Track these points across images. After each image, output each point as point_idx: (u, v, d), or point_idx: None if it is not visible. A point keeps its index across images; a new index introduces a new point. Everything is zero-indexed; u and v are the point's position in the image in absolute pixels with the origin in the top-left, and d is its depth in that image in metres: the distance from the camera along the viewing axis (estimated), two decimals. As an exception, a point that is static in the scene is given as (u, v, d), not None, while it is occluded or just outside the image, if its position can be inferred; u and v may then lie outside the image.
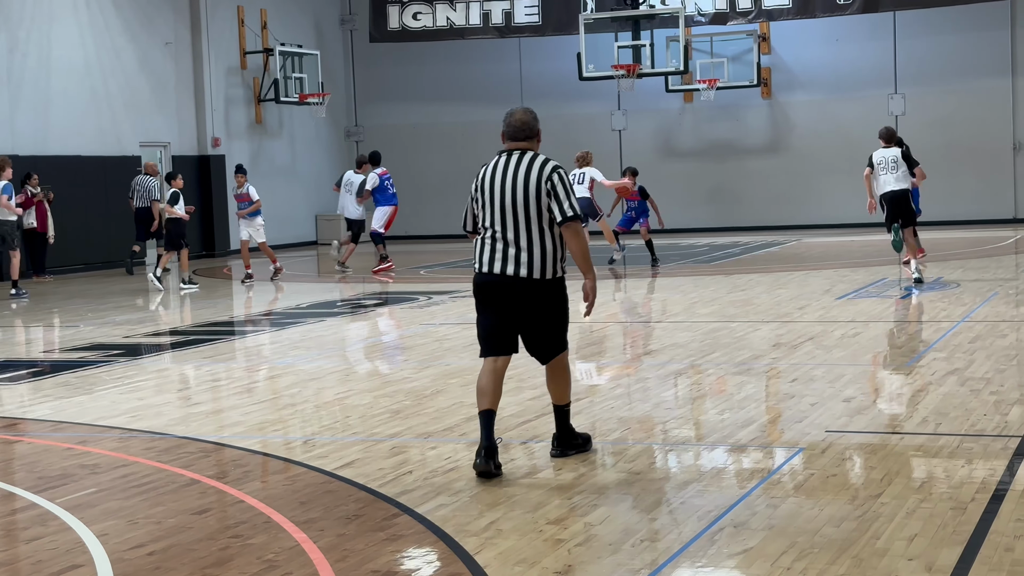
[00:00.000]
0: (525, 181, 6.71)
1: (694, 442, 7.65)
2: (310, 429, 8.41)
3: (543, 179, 6.70)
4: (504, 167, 6.79)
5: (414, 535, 5.74)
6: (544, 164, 6.77)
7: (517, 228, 6.72)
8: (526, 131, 6.91)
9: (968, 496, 5.97)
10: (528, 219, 6.71)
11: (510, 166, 6.78)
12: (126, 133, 24.93)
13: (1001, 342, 10.78)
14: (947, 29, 27.30)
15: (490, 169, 6.85)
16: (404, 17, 29.26)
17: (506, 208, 6.73)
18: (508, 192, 6.73)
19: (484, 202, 6.83)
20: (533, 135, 6.93)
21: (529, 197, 6.69)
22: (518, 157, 6.81)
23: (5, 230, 18.71)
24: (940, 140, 27.63)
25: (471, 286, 6.96)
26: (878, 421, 7.85)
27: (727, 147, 29.31)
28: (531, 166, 6.75)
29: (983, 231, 25.22)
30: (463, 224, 7.06)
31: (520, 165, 6.77)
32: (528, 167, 6.75)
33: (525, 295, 6.78)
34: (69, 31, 23.72)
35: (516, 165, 6.77)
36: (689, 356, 10.73)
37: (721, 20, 27.54)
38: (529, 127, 6.92)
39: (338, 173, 31.50)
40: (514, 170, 6.76)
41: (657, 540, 5.51)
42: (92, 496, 6.61)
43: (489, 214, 6.80)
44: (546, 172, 6.72)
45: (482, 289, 6.87)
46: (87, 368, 11.36)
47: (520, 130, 6.91)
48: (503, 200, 6.74)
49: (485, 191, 6.82)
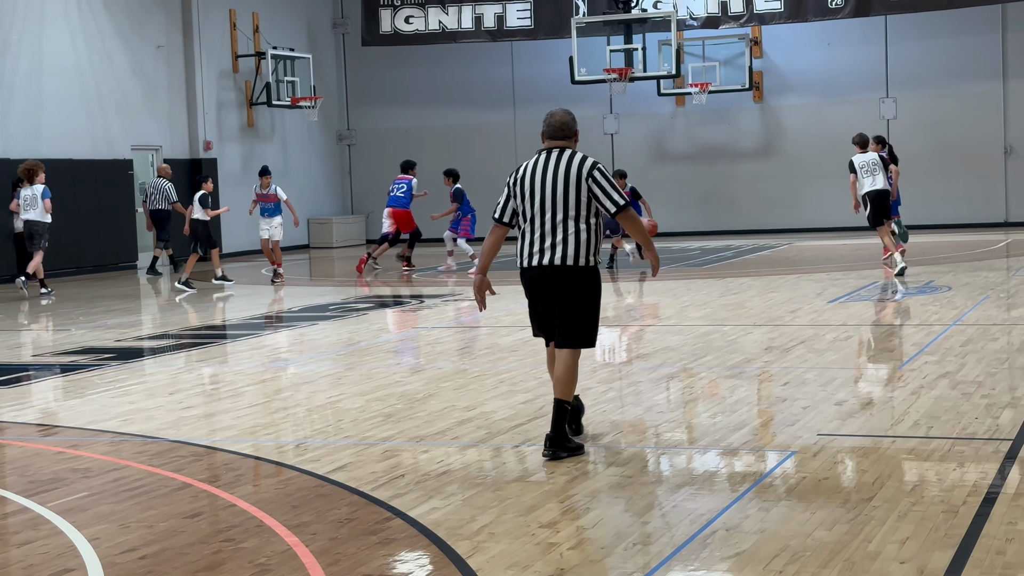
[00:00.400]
0: (566, 176, 7.15)
1: (686, 445, 7.66)
2: (302, 433, 8.40)
3: (583, 175, 7.14)
4: (544, 163, 7.24)
5: (406, 539, 5.74)
6: (583, 161, 7.21)
7: (555, 220, 7.16)
8: (565, 131, 7.37)
9: (960, 499, 5.98)
10: (567, 212, 7.14)
11: (551, 162, 7.23)
12: (118, 136, 24.89)
13: (992, 345, 10.80)
14: (938, 33, 27.36)
15: (531, 165, 7.30)
16: (396, 21, 29.26)
17: (546, 201, 7.17)
18: (548, 186, 7.16)
19: (524, 196, 7.26)
20: (571, 135, 7.39)
21: (569, 191, 7.13)
22: (558, 154, 7.26)
23: (36, 229, 19.19)
24: (932, 144, 27.70)
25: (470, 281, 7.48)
26: (870, 424, 7.86)
27: (719, 151, 29.35)
28: (571, 162, 7.19)
29: (974, 235, 25.27)
30: (496, 213, 7.44)
31: (560, 162, 7.21)
32: (568, 163, 7.19)
33: (561, 281, 7.19)
34: (61, 34, 23.69)
35: (556, 162, 7.22)
36: (681, 359, 10.74)
37: (713, 24, 27.57)
38: (568, 127, 7.38)
39: (330, 177, 31.59)
40: (555, 166, 7.20)
41: (649, 543, 5.52)
42: (84, 500, 6.59)
43: (529, 207, 7.24)
44: (586, 169, 7.17)
45: (531, 283, 7.35)
46: (78, 372, 11.34)
47: (560, 129, 7.36)
48: (543, 194, 7.18)
49: (525, 186, 7.26)
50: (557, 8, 28.12)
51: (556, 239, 7.15)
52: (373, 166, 31.35)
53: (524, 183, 7.27)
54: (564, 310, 7.22)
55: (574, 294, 7.20)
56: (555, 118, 7.38)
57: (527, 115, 30.17)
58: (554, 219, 7.15)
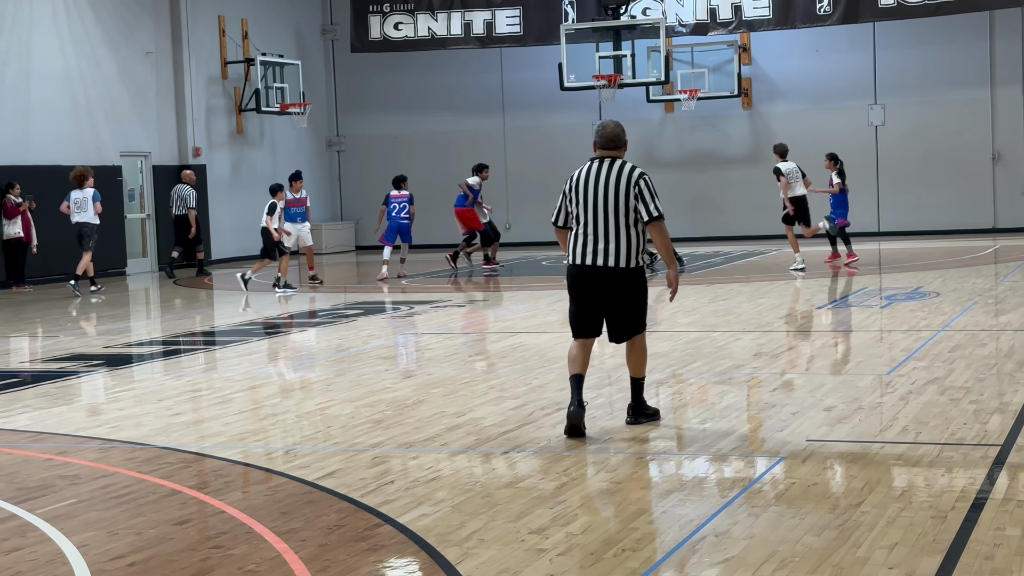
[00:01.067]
0: (616, 184, 7.74)
1: (675, 451, 7.66)
2: (291, 439, 8.39)
3: (631, 183, 7.74)
4: (596, 172, 7.81)
5: (396, 545, 5.73)
6: (632, 170, 7.81)
7: (606, 224, 7.75)
8: (616, 142, 7.93)
9: (948, 505, 5.99)
10: (616, 217, 7.73)
11: (602, 171, 7.80)
12: (106, 143, 24.84)
13: (981, 351, 10.83)
14: (927, 40, 27.45)
15: (583, 173, 7.87)
16: (386, 27, 29.27)
17: (598, 207, 7.75)
18: (600, 193, 7.75)
19: (578, 201, 7.84)
20: (621, 145, 7.95)
21: (619, 198, 7.72)
22: (609, 163, 7.84)
23: (86, 231, 20.59)
24: (920, 150, 27.79)
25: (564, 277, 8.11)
26: (859, 430, 7.88)
27: (708, 157, 29.39)
28: (620, 172, 7.79)
29: (962, 241, 25.34)
30: (553, 218, 8.05)
31: (611, 171, 7.79)
32: (618, 172, 7.78)
33: (611, 282, 7.81)
34: (49, 40, 23.65)
35: (608, 170, 7.80)
36: (671, 365, 10.75)
37: (702, 31, 27.62)
38: (618, 138, 7.94)
39: (320, 183, 31.57)
40: (606, 174, 7.78)
41: (639, 549, 5.52)
42: (72, 507, 6.58)
43: (582, 212, 7.81)
44: (633, 177, 7.77)
45: (575, 279, 7.92)
46: (67, 378, 11.32)
47: (611, 141, 7.92)
48: (595, 200, 7.76)
49: (579, 192, 7.83)
50: (546, 15, 28.15)
51: (607, 242, 7.74)
52: (362, 172, 31.35)
53: (578, 189, 7.83)
54: (618, 308, 7.91)
55: (625, 293, 7.87)
56: (607, 130, 7.91)
57: (516, 121, 30.20)
58: (605, 223, 7.73)
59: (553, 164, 24.10)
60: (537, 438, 7.90)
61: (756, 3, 27.06)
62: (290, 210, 20.60)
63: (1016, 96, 27.24)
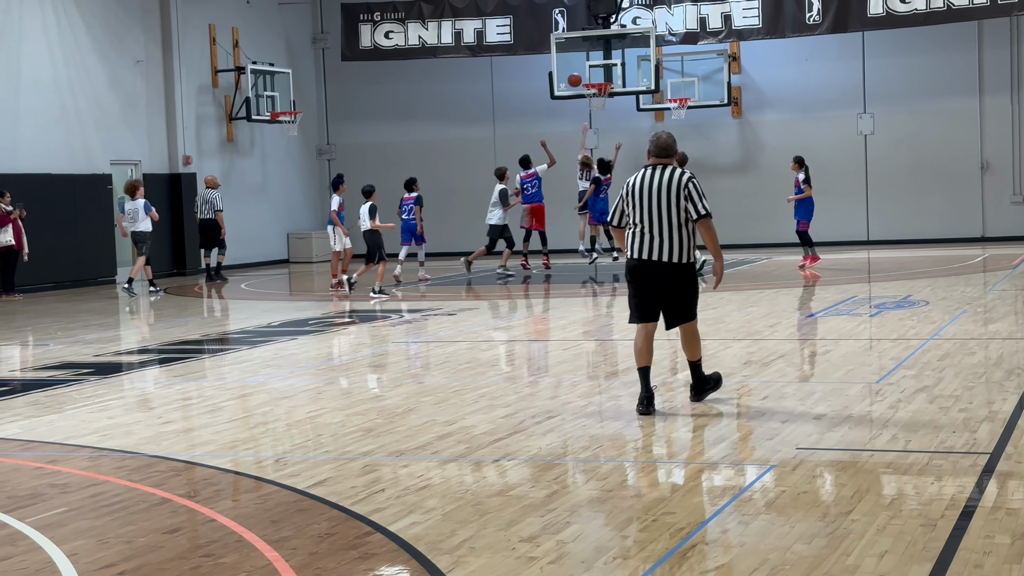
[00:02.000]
0: (668, 188, 8.63)
1: (666, 459, 7.67)
2: (282, 447, 8.38)
3: (681, 186, 8.64)
4: (651, 177, 8.71)
5: (387, 553, 5.73)
6: (682, 175, 8.71)
7: (660, 224, 8.63)
8: (667, 151, 8.86)
9: (938, 513, 6.01)
10: (669, 217, 8.61)
11: (655, 177, 8.70)
12: (96, 151, 24.81)
13: (970, 360, 10.86)
14: (915, 49, 27.53)
15: (639, 178, 8.75)
16: (376, 36, 29.29)
17: (652, 208, 8.63)
18: (654, 196, 8.63)
19: (634, 204, 8.70)
20: (672, 153, 8.88)
21: (671, 200, 8.61)
22: (661, 170, 8.73)
23: (139, 238, 21.63)
24: (909, 159, 27.86)
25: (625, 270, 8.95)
26: (848, 438, 7.89)
27: (697, 166, 29.33)
28: (672, 177, 8.68)
29: (951, 250, 25.40)
30: (610, 218, 8.99)
31: (664, 176, 8.69)
32: (670, 178, 8.68)
33: (665, 275, 8.72)
34: (39, 49, 23.62)
35: (660, 176, 8.70)
36: (660, 374, 10.75)
37: (692, 40, 27.68)
38: (670, 148, 8.88)
39: (310, 191, 31.57)
40: (659, 180, 8.67)
41: (630, 557, 5.53)
42: (62, 516, 6.57)
43: (638, 213, 8.69)
44: (683, 181, 8.67)
45: (634, 271, 8.79)
46: (57, 387, 11.30)
47: (663, 150, 8.85)
48: (650, 202, 8.64)
49: (635, 195, 8.71)
50: (537, 24, 28.19)
51: (662, 240, 8.63)
52: (353, 181, 31.18)
53: (633, 193, 8.71)
54: (672, 298, 8.81)
55: (678, 284, 8.77)
56: (660, 140, 8.87)
57: (507, 130, 30.22)
58: (660, 223, 8.62)
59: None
60: (528, 446, 7.91)
61: (746, 12, 27.13)
62: (341, 214, 20.61)
63: (1004, 105, 27.33)
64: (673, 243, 8.65)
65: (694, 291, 8.92)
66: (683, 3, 27.46)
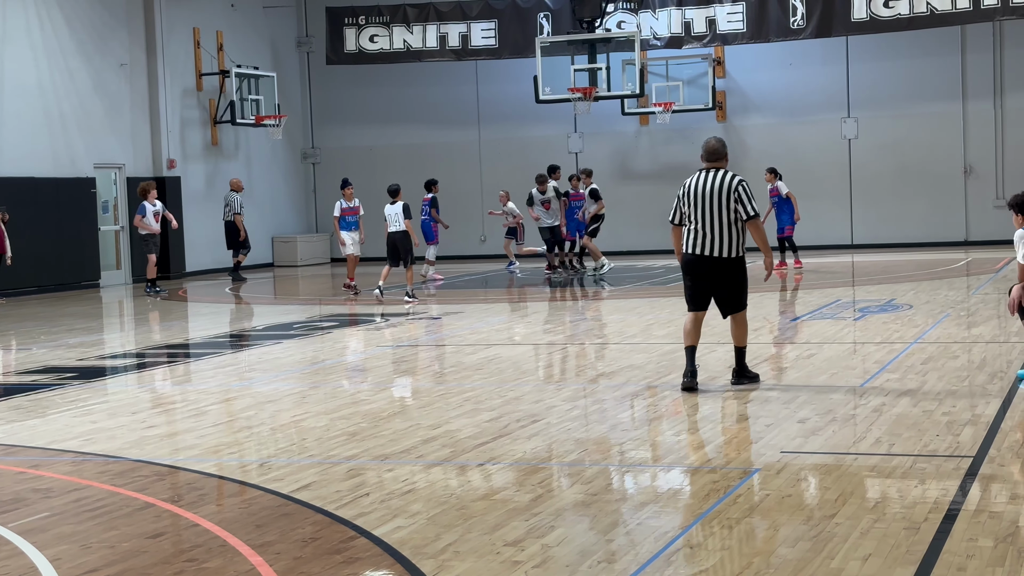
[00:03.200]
0: (720, 190, 9.47)
1: (650, 463, 7.68)
2: (266, 452, 8.37)
3: (732, 189, 9.47)
4: (704, 180, 9.55)
5: (371, 557, 5.73)
6: (732, 178, 9.55)
7: (713, 222, 9.49)
8: (717, 155, 9.64)
9: (921, 516, 6.03)
10: (720, 216, 9.47)
11: (708, 179, 9.55)
12: (80, 155, 24.74)
13: (953, 363, 10.89)
14: (899, 54, 27.63)
15: (694, 181, 9.60)
16: (361, 39, 29.27)
17: (706, 208, 9.49)
18: (708, 198, 9.48)
19: (689, 203, 9.57)
20: (722, 157, 9.67)
21: (723, 201, 9.46)
22: (714, 173, 9.57)
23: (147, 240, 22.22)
24: (892, 163, 27.95)
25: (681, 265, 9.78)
26: (832, 442, 7.91)
27: (683, 169, 29.33)
28: (723, 179, 9.52)
29: (935, 253, 25.48)
30: (671, 217, 9.76)
31: (716, 178, 9.53)
32: (721, 180, 9.52)
33: (718, 268, 9.59)
34: (22, 52, 23.55)
35: (712, 178, 9.54)
36: (645, 378, 10.77)
37: (676, 44, 27.73)
38: (720, 152, 9.66)
39: (295, 195, 31.54)
40: (712, 182, 9.52)
41: (614, 561, 5.53)
42: (45, 520, 6.54)
43: (694, 212, 9.55)
44: (734, 184, 9.51)
45: (690, 264, 9.68)
46: (40, 391, 11.26)
47: (713, 154, 9.64)
48: (704, 203, 9.49)
49: (691, 196, 9.56)
50: (521, 28, 28.21)
51: (715, 236, 9.47)
52: (337, 184, 31.14)
53: (689, 194, 9.57)
54: (727, 289, 9.67)
55: (732, 277, 9.63)
56: (710, 145, 9.66)
57: (492, 134, 30.23)
58: (712, 221, 9.45)
59: (528, 176, 24.10)
60: (512, 450, 7.90)
61: (730, 17, 27.20)
62: (345, 219, 20.46)
63: (987, 109, 27.44)
64: (724, 240, 9.48)
65: (744, 282, 9.73)
66: (668, 7, 27.52)
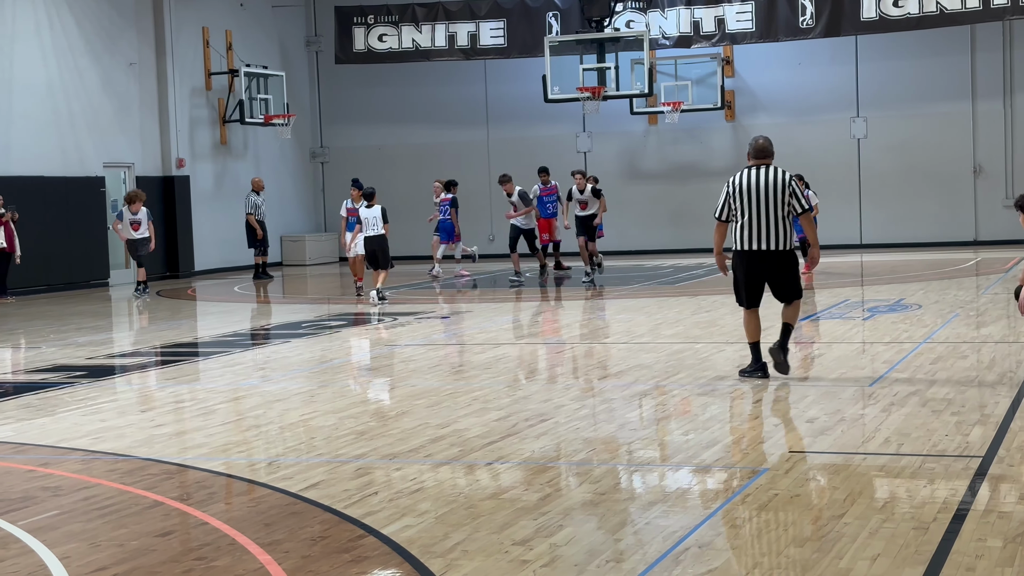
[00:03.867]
0: (773, 185, 9.83)
1: (659, 463, 7.68)
2: (275, 450, 8.38)
3: (786, 184, 9.88)
4: (755, 176, 9.89)
5: (379, 556, 5.73)
6: (784, 173, 9.96)
7: (767, 217, 9.81)
8: (766, 152, 10.03)
9: (930, 516, 6.02)
10: (775, 210, 9.82)
11: (759, 176, 9.89)
12: (89, 154, 24.78)
13: (962, 363, 10.87)
14: (908, 54, 27.58)
15: (744, 178, 9.90)
16: (370, 39, 29.28)
17: (761, 203, 9.81)
18: (762, 193, 9.81)
19: (741, 199, 9.85)
20: (770, 155, 10.06)
21: (777, 196, 9.83)
22: (765, 169, 9.93)
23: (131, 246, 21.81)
24: (902, 163, 27.90)
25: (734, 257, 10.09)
26: (841, 442, 7.90)
27: (691, 169, 29.46)
28: (776, 175, 9.90)
29: (944, 253, 25.44)
30: (718, 214, 10.05)
31: (769, 174, 9.89)
32: (774, 176, 9.89)
33: (775, 261, 9.95)
34: (32, 51, 23.60)
35: (765, 174, 9.89)
36: (654, 377, 10.76)
37: (685, 43, 27.70)
38: (770, 150, 10.06)
39: (303, 194, 31.56)
40: (765, 178, 9.86)
41: (622, 561, 5.52)
42: (54, 518, 6.56)
43: (747, 208, 9.84)
44: (787, 179, 9.93)
45: (747, 259, 9.99)
46: (49, 389, 11.28)
47: (763, 152, 10.02)
48: (757, 198, 9.81)
49: (742, 192, 9.87)
50: (530, 27, 28.20)
51: (769, 231, 9.79)
52: (346, 184, 31.13)
53: (740, 191, 9.86)
54: (785, 279, 10.05)
55: (788, 268, 10.02)
56: (758, 144, 10.04)
57: (500, 133, 30.23)
58: (767, 216, 9.78)
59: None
60: (521, 449, 7.91)
61: (739, 16, 27.16)
62: (351, 220, 20.35)
63: (997, 109, 27.39)
64: (779, 234, 9.84)
65: (798, 272, 10.19)
66: (677, 6, 27.48)
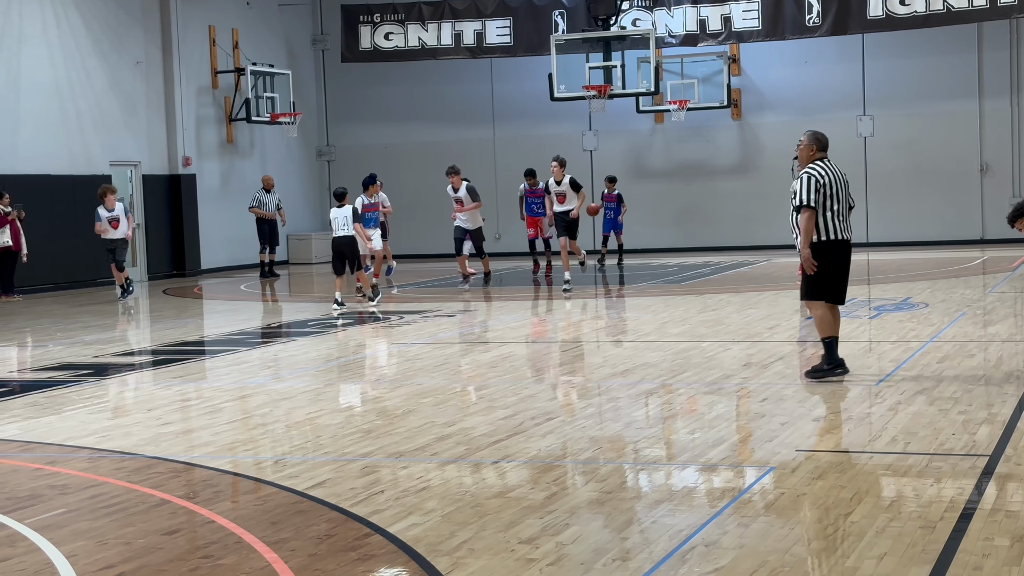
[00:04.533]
0: (845, 178, 10.16)
1: (665, 461, 7.67)
2: (281, 449, 8.38)
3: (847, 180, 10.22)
4: (835, 168, 10.09)
5: (386, 555, 5.73)
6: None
7: (844, 209, 10.09)
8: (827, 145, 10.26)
9: (937, 515, 6.01)
10: (847, 203, 10.11)
11: (836, 168, 10.11)
12: (95, 152, 24.80)
13: (969, 362, 10.86)
14: (915, 52, 27.54)
15: (829, 170, 10.05)
16: (376, 37, 29.29)
17: (842, 196, 10.06)
18: (842, 185, 10.07)
19: (831, 190, 9.96)
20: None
21: (848, 188, 10.17)
22: (833, 162, 10.15)
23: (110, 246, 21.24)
24: (908, 161, 27.86)
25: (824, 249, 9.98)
26: (848, 440, 7.90)
27: (697, 168, 29.44)
28: (841, 170, 10.19)
29: (951, 252, 25.40)
30: (810, 202, 9.93)
31: (838, 168, 10.14)
32: (842, 170, 10.19)
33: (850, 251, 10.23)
34: (39, 50, 23.62)
35: (837, 167, 10.14)
36: (660, 376, 10.76)
37: (691, 42, 27.68)
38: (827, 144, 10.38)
39: (309, 193, 31.57)
40: (839, 171, 10.11)
41: (629, 559, 5.52)
42: (61, 517, 6.57)
43: (834, 198, 9.99)
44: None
45: (842, 249, 10.08)
46: (56, 388, 11.30)
47: (826, 144, 10.21)
48: (841, 190, 10.05)
49: (833, 183, 9.98)
50: (536, 25, 28.18)
51: (847, 223, 10.11)
52: (352, 182, 31.18)
53: (831, 182, 9.99)
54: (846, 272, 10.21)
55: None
56: (823, 136, 10.22)
57: (506, 131, 30.22)
58: (844, 209, 10.09)
59: (543, 174, 24.08)
60: (527, 448, 7.91)
61: (745, 14, 27.12)
62: (365, 215, 19.96)
63: (1004, 108, 27.34)
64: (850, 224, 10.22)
65: None
66: (683, 5, 27.45)
